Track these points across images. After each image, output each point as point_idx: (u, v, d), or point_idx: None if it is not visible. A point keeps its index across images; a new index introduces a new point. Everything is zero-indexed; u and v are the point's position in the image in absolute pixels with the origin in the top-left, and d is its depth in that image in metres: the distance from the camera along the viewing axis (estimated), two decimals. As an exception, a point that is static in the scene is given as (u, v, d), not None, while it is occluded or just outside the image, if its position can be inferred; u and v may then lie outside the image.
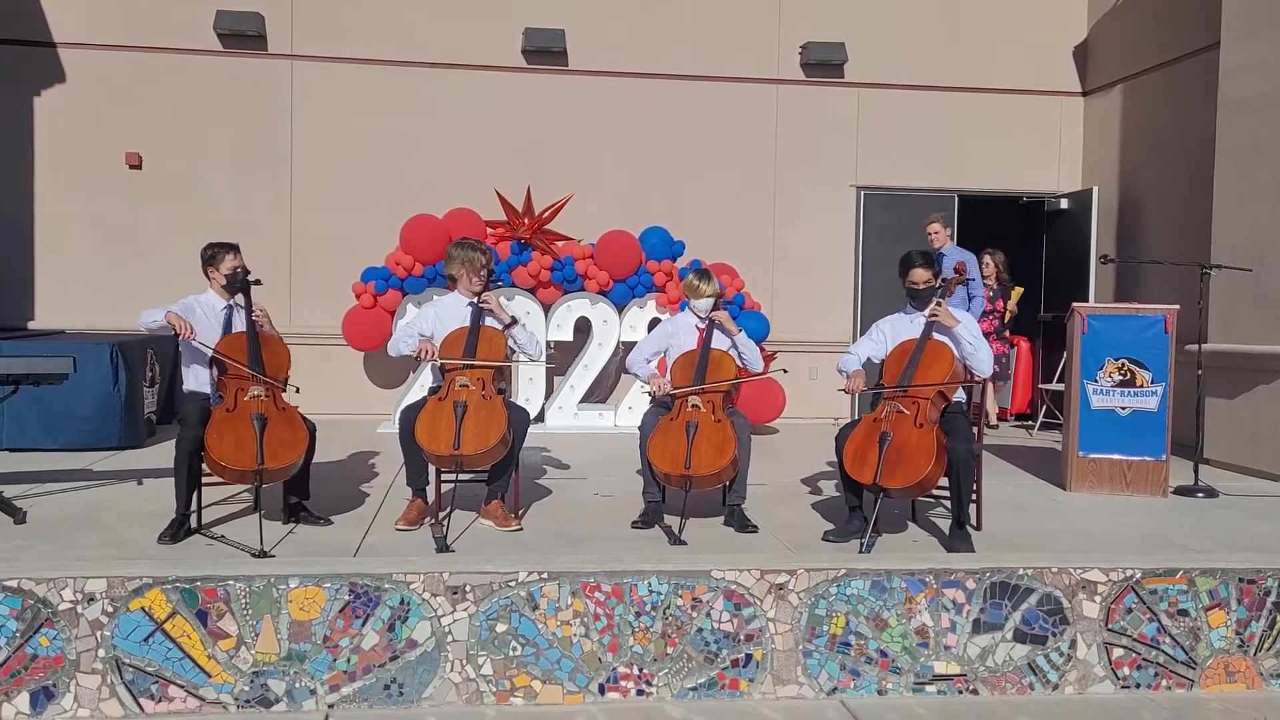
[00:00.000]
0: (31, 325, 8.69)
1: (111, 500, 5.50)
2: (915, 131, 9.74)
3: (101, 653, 3.95)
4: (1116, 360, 6.24)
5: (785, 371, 6.29)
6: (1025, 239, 10.39)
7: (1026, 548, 4.82)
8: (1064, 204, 9.81)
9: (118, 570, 4.02)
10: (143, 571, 4.02)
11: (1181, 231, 8.38)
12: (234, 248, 5.17)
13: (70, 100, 8.81)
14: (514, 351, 5.28)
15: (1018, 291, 9.40)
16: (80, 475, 6.15)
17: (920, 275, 5.16)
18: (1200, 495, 6.17)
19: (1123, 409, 6.23)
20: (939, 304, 5.09)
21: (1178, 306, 6.28)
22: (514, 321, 5.24)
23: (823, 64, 9.56)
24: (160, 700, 3.97)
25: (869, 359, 5.28)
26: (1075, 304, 6.47)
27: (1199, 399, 6.51)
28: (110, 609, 3.95)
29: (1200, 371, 6.49)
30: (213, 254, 5.14)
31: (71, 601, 3.94)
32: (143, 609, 3.97)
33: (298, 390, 5.01)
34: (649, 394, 5.45)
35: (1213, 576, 4.49)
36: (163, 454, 5.62)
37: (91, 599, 3.94)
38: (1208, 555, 4.70)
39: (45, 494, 5.59)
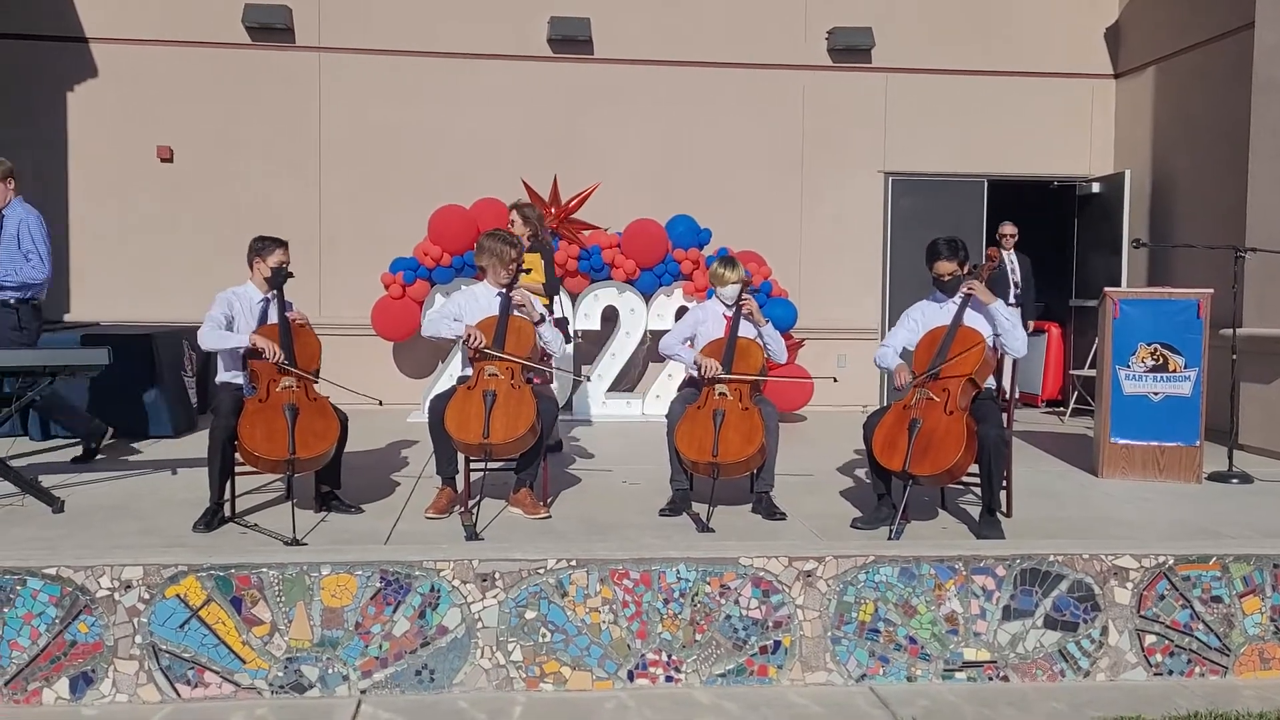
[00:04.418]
0: (67, 318, 8.82)
1: (147, 489, 5.58)
2: (944, 116, 9.65)
3: (139, 639, 4.01)
4: (1149, 345, 6.16)
5: (835, 380, 6.11)
6: (1056, 224, 10.28)
7: (1057, 534, 4.79)
8: (1096, 188, 9.69)
9: (154, 558, 4.08)
10: (178, 559, 4.08)
11: (1215, 215, 8.25)
12: (283, 243, 5.23)
13: (102, 95, 8.91)
14: (546, 353, 5.32)
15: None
16: (116, 465, 6.24)
17: (945, 268, 5.13)
18: (1235, 481, 6.09)
19: (1155, 394, 6.16)
20: (973, 283, 5.05)
21: (1211, 290, 6.19)
22: (542, 319, 5.26)
23: (850, 49, 9.48)
24: (196, 686, 4.03)
25: (904, 348, 5.26)
26: (1107, 288, 6.40)
27: (1233, 384, 6.42)
28: (147, 596, 4.01)
29: (1235, 356, 6.40)
30: (262, 246, 5.20)
31: (109, 589, 4.00)
32: (178, 596, 4.02)
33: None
34: (698, 372, 5.36)
35: (1247, 563, 4.44)
36: (197, 444, 5.69)
37: (128, 586, 4.01)
38: (1242, 541, 4.65)
39: (82, 483, 5.67)
